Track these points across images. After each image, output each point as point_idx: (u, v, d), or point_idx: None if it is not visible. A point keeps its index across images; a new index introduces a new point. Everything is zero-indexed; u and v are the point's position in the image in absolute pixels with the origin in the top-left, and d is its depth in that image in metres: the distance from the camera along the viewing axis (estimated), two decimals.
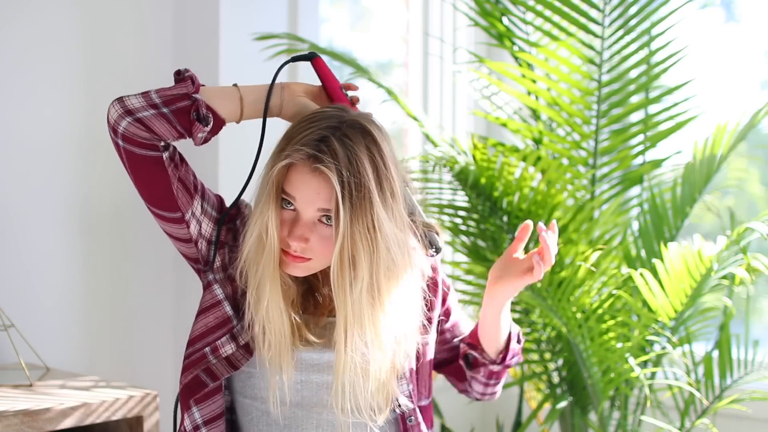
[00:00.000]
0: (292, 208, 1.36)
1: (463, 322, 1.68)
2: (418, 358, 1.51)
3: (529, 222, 1.54)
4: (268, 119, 1.46)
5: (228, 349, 1.43)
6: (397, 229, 1.36)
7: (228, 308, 1.44)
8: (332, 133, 1.33)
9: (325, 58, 2.57)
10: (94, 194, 2.33)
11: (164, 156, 1.38)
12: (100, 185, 2.33)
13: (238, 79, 2.46)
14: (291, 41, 2.35)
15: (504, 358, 1.59)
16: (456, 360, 1.67)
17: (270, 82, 1.45)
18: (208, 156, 2.44)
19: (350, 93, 1.49)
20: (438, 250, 1.50)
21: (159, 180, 1.38)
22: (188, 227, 1.43)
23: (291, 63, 1.52)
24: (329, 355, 1.42)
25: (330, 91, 1.49)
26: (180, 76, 1.41)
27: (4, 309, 2.04)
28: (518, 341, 1.62)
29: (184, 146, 1.52)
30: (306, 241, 1.35)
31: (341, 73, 2.83)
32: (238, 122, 1.45)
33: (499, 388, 1.67)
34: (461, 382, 1.68)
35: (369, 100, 2.90)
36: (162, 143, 1.38)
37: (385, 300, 1.37)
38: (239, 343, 1.43)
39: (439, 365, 1.69)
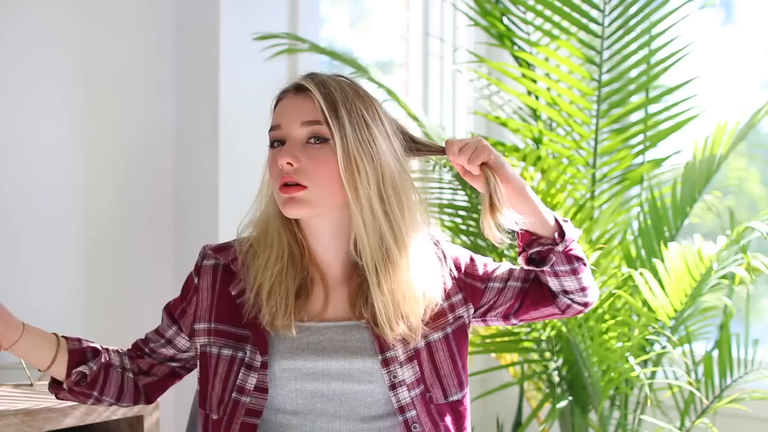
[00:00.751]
0: (281, 141, 1.38)
1: (517, 266, 1.53)
2: (432, 357, 1.45)
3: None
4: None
5: (252, 380, 1.41)
6: (399, 162, 1.38)
7: (227, 351, 1.43)
8: (315, 73, 1.40)
9: (325, 57, 2.58)
10: (95, 195, 2.33)
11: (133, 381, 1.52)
12: (101, 186, 2.33)
13: (238, 79, 2.47)
14: (291, 41, 2.35)
15: (562, 236, 1.41)
16: (534, 285, 1.50)
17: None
18: (207, 163, 2.44)
19: None
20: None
21: (172, 381, 1.55)
22: (192, 347, 1.51)
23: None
24: (324, 363, 1.40)
25: None
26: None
27: None
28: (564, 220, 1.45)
29: (185, 146, 1.52)
30: (295, 159, 1.35)
31: (341, 73, 2.82)
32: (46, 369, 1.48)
33: (589, 274, 1.47)
34: (551, 303, 1.49)
35: None
36: (92, 396, 1.48)
37: (395, 210, 1.37)
38: (257, 368, 1.41)
39: (533, 305, 1.51)
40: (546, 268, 1.43)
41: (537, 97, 2.44)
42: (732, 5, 3.11)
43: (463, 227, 2.39)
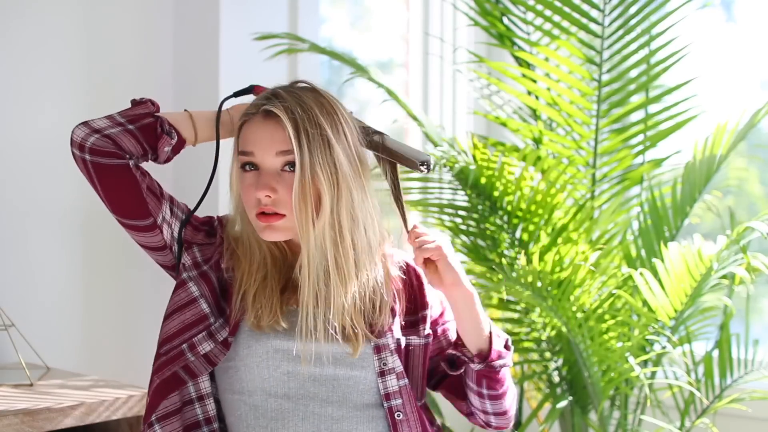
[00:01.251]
0: (253, 168, 1.40)
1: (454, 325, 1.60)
2: (407, 358, 1.50)
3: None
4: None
5: (206, 346, 1.44)
6: (359, 176, 1.40)
7: (204, 305, 1.45)
8: (281, 89, 1.41)
9: (324, 57, 2.58)
10: (95, 195, 2.33)
11: (131, 163, 1.42)
12: None
13: (239, 79, 2.46)
14: (291, 41, 2.35)
15: (486, 358, 1.48)
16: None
17: (218, 109, 1.50)
18: (206, 163, 2.44)
19: None
20: (428, 165, 1.47)
21: (129, 187, 1.43)
22: (161, 232, 1.46)
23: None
24: (317, 345, 1.42)
25: None
26: (136, 101, 1.47)
27: (4, 309, 2.04)
28: (506, 346, 1.52)
29: (185, 152, 1.53)
30: (273, 191, 1.37)
31: (341, 73, 2.84)
32: (194, 145, 1.51)
33: (502, 405, 1.54)
34: (461, 400, 1.59)
35: (369, 100, 2.90)
36: (127, 155, 1.42)
37: (347, 238, 1.39)
38: (217, 340, 1.43)
39: (438, 383, 1.61)
40: (454, 373, 1.53)
41: (537, 97, 2.43)
42: (732, 5, 3.11)
43: (463, 227, 2.39)
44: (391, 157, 1.49)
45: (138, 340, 2.40)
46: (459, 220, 2.39)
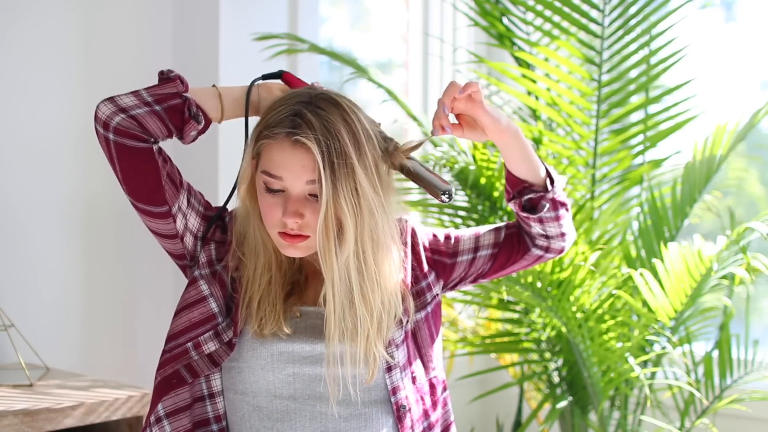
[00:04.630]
0: (280, 188, 1.38)
1: (482, 229, 1.57)
2: (414, 338, 1.50)
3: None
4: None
5: (211, 346, 1.43)
6: (377, 192, 1.38)
7: (213, 305, 1.45)
8: (305, 106, 1.36)
9: (324, 58, 2.58)
10: (94, 195, 2.33)
11: (154, 148, 1.40)
12: (100, 186, 2.33)
13: (238, 79, 2.46)
14: (291, 41, 2.35)
15: (552, 183, 1.46)
16: (506, 243, 1.55)
17: (248, 89, 1.49)
18: (206, 163, 2.44)
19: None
20: (450, 195, 1.47)
21: (148, 172, 1.40)
22: (174, 222, 1.44)
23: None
24: (322, 346, 1.42)
25: None
26: (164, 76, 1.44)
27: (4, 309, 2.04)
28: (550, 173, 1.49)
29: (184, 145, 1.53)
30: (301, 217, 1.36)
31: (341, 73, 2.84)
32: (219, 122, 1.49)
33: (568, 221, 1.51)
34: (527, 252, 1.55)
35: (369, 100, 2.90)
36: (152, 139, 1.40)
37: (370, 264, 1.38)
38: (222, 341, 1.43)
39: (502, 265, 1.57)
40: (534, 218, 1.49)
41: (537, 98, 2.43)
42: (732, 5, 3.11)
43: (464, 227, 2.39)
44: (416, 181, 1.50)
45: (137, 341, 2.40)
46: (459, 221, 2.39)
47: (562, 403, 2.28)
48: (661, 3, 2.30)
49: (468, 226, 2.38)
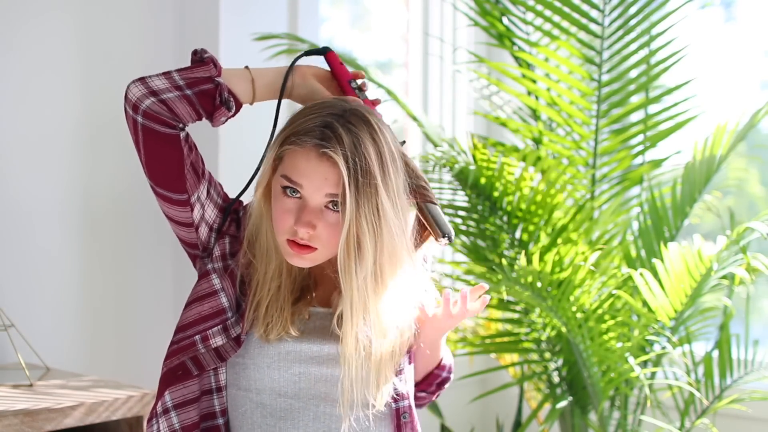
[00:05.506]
0: (297, 196, 1.36)
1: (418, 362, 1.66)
2: (410, 358, 1.51)
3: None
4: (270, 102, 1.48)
5: (218, 340, 1.43)
6: (398, 215, 1.38)
7: (224, 299, 1.44)
8: (336, 119, 1.35)
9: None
10: (94, 195, 2.33)
11: (181, 135, 1.40)
12: (100, 185, 2.33)
13: None
14: (291, 41, 2.35)
15: (423, 381, 1.59)
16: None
17: (286, 69, 1.47)
18: (206, 163, 2.44)
19: (358, 81, 1.52)
20: (450, 239, 1.48)
21: (172, 159, 1.39)
22: (192, 210, 1.43)
23: (291, 57, 1.53)
24: (329, 347, 1.42)
25: (340, 83, 1.51)
26: (198, 57, 1.42)
27: (4, 309, 2.04)
28: (448, 370, 1.62)
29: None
30: (314, 228, 1.35)
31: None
32: (251, 104, 1.47)
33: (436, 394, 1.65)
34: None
35: None
36: (180, 124, 1.39)
37: (388, 285, 1.38)
38: (230, 336, 1.43)
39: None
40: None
41: (537, 98, 2.43)
42: (732, 5, 3.11)
43: (463, 227, 2.39)
44: (423, 216, 1.49)
45: (137, 341, 2.40)
46: (459, 221, 2.39)
47: (562, 403, 2.28)
48: (661, 3, 2.30)
49: (468, 226, 2.38)
